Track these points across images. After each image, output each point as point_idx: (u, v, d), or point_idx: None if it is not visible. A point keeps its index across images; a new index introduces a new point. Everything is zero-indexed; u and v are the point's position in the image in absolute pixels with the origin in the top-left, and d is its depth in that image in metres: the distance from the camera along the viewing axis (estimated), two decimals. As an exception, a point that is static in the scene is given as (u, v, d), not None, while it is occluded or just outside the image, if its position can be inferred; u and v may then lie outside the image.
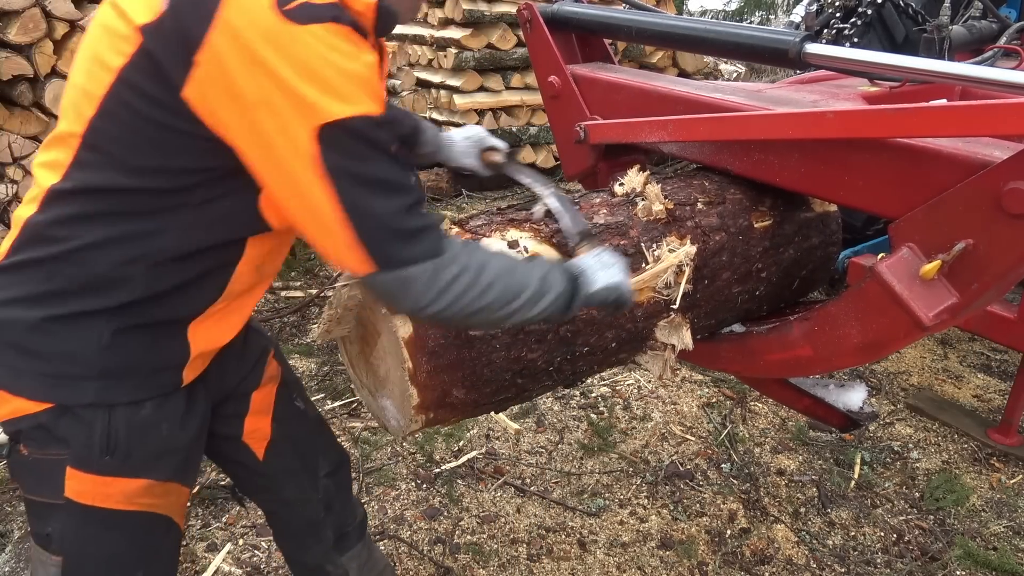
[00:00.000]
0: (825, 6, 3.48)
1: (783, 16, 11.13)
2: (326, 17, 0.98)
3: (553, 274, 1.24)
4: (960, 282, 1.36)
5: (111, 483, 1.22)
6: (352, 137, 1.00)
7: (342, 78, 0.99)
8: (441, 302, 1.10)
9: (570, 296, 1.25)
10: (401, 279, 1.08)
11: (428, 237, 1.08)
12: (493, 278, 1.14)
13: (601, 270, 1.31)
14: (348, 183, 1.01)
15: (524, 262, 1.24)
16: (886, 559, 2.48)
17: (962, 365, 3.60)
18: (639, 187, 1.65)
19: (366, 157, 1.02)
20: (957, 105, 1.36)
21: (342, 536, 1.74)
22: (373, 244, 1.05)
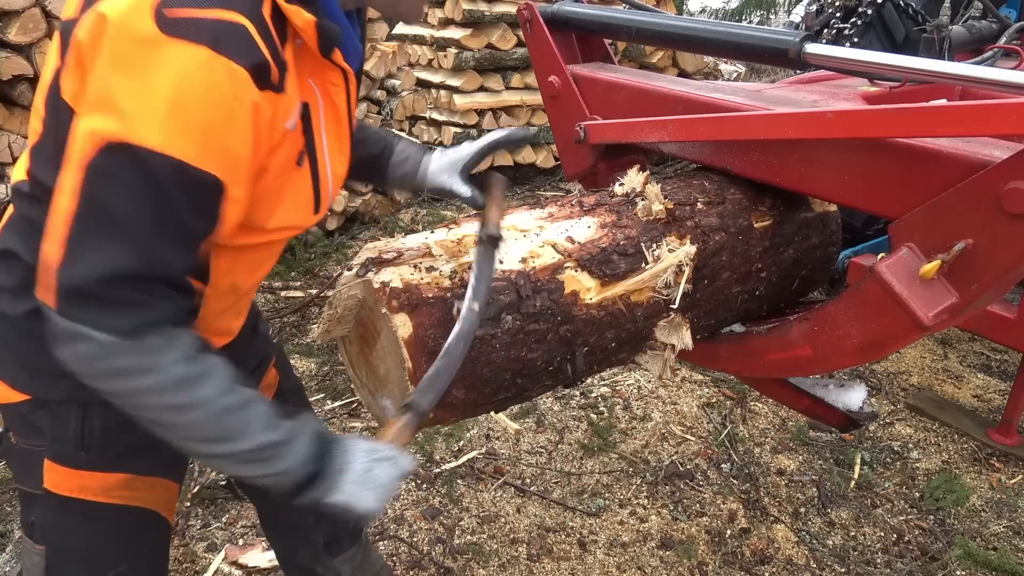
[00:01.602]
0: (825, 6, 3.48)
1: (783, 16, 11.13)
2: (205, 38, 0.88)
3: (293, 450, 1.06)
4: (960, 282, 1.36)
5: (87, 476, 1.21)
6: (131, 162, 0.89)
7: (169, 107, 0.88)
8: (104, 384, 0.98)
9: (300, 484, 1.08)
10: (68, 331, 0.94)
11: (127, 313, 0.93)
12: (192, 403, 0.99)
13: (356, 486, 1.10)
14: (90, 207, 0.91)
15: (266, 416, 1.05)
16: (886, 559, 2.48)
17: (962, 365, 3.60)
18: (639, 187, 1.65)
19: (130, 190, 0.90)
20: (957, 105, 1.36)
21: (334, 539, 1.72)
22: (65, 283, 0.92)
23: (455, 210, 5.55)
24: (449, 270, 1.39)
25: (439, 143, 5.99)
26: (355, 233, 4.93)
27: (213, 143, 0.92)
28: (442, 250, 1.43)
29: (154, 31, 0.88)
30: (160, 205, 0.92)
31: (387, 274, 1.34)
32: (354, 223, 5.01)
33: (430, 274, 1.37)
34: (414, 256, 1.41)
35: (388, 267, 1.36)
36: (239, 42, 0.91)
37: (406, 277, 1.34)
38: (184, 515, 2.46)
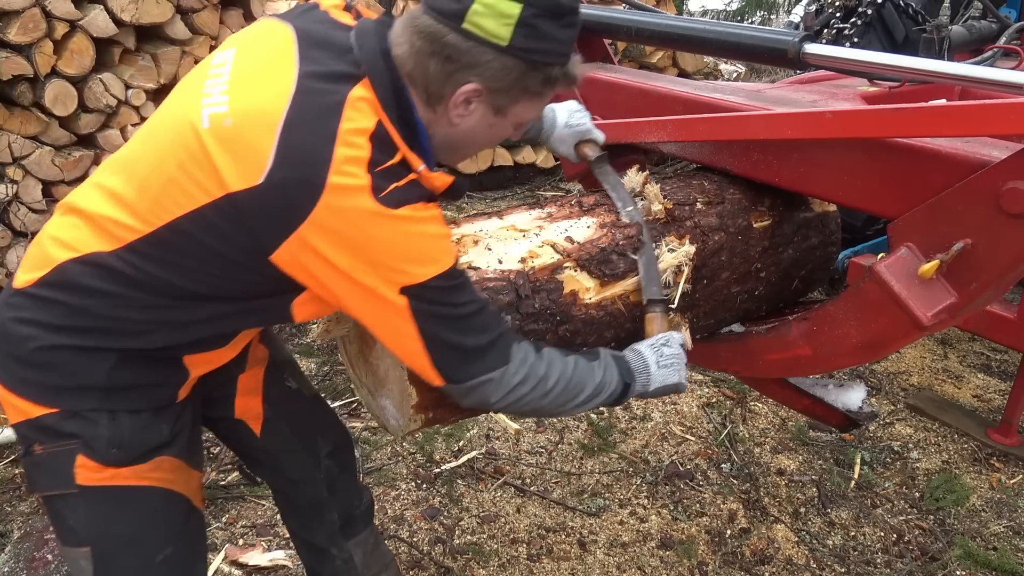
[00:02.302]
0: (825, 6, 3.48)
1: (784, 16, 11.12)
2: (414, 199, 1.13)
3: (609, 376, 1.39)
4: (959, 282, 1.36)
5: (121, 468, 1.28)
6: (432, 290, 1.16)
7: (423, 247, 1.15)
8: (506, 401, 1.28)
9: (623, 394, 1.41)
10: (469, 388, 1.25)
11: (493, 352, 1.24)
12: (554, 383, 1.30)
13: (660, 370, 1.44)
14: (428, 321, 1.18)
15: (585, 364, 1.37)
16: (886, 559, 2.48)
17: (962, 365, 3.60)
18: (638, 187, 1.65)
19: (443, 302, 1.19)
20: (956, 105, 1.36)
21: (348, 520, 1.76)
22: (446, 367, 1.23)
23: (455, 210, 5.55)
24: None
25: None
26: (355, 233, 4.93)
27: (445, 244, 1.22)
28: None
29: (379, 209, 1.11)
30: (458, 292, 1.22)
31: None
32: (354, 223, 5.01)
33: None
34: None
35: (387, 267, 1.36)
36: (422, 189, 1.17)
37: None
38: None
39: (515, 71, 1.16)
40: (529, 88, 1.20)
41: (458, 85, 1.16)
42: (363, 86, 1.14)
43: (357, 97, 1.12)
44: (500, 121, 1.24)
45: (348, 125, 1.10)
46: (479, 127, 1.24)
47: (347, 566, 1.77)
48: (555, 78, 1.20)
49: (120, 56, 3.74)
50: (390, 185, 1.11)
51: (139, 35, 3.79)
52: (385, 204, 1.09)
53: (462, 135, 1.25)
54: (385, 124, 1.13)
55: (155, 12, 3.68)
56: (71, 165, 3.60)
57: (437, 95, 1.18)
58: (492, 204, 5.77)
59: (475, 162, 5.87)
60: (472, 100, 1.19)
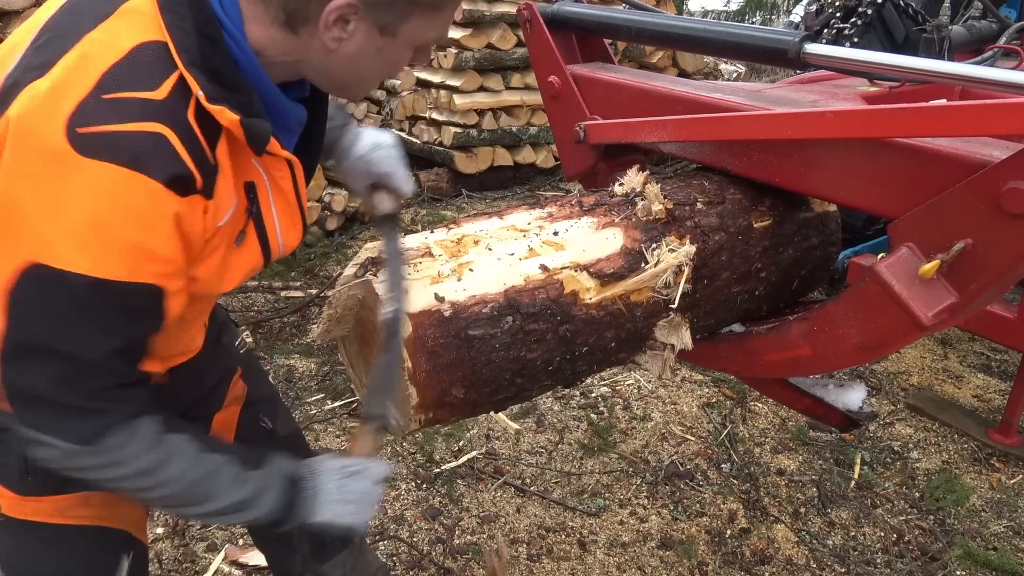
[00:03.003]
0: (825, 6, 3.48)
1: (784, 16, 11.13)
2: (123, 158, 0.86)
3: (264, 500, 1.11)
4: (959, 282, 1.36)
5: (39, 500, 1.17)
6: (58, 288, 0.88)
7: (90, 230, 0.87)
8: (80, 475, 1.03)
9: (282, 514, 1.14)
10: (31, 436, 0.98)
11: (83, 421, 0.96)
12: (160, 483, 1.04)
13: (334, 504, 1.16)
14: (20, 333, 0.91)
15: (233, 476, 1.09)
16: (886, 559, 2.48)
17: (962, 365, 3.60)
18: (638, 187, 1.65)
19: (56, 318, 0.90)
20: (956, 105, 1.36)
21: (320, 545, 1.69)
22: (17, 400, 0.96)
23: (455, 210, 5.56)
24: (448, 270, 1.39)
25: (439, 143, 5.98)
26: (355, 233, 4.93)
27: (141, 257, 0.91)
28: (442, 250, 1.43)
29: (66, 150, 0.85)
30: (98, 323, 0.92)
31: (387, 274, 1.34)
32: (354, 223, 5.01)
33: (429, 274, 1.37)
34: (414, 256, 1.41)
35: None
36: (159, 155, 0.89)
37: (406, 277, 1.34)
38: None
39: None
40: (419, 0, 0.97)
41: (325, 1, 0.93)
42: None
43: (130, 9, 0.91)
44: (390, 43, 1.00)
45: (110, 26, 0.90)
46: (364, 52, 1.00)
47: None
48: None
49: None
50: (105, 125, 0.86)
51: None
52: (76, 146, 0.85)
53: (344, 63, 1.01)
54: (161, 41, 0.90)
55: (155, 12, 3.68)
56: (71, 165, 3.60)
57: (300, 13, 0.94)
58: (492, 204, 5.78)
59: (475, 162, 5.87)
60: (349, 18, 0.95)
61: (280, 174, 1.11)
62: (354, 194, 1.49)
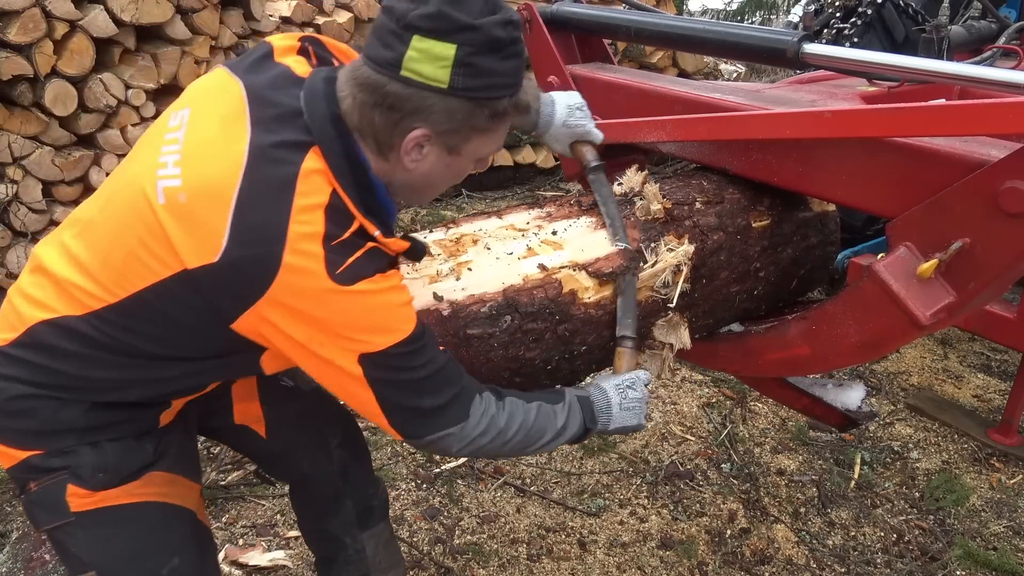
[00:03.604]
0: (825, 6, 3.48)
1: (784, 16, 11.12)
2: (370, 272, 1.13)
3: (571, 421, 1.40)
4: (957, 281, 1.36)
5: (109, 491, 1.29)
6: (389, 358, 1.17)
7: (380, 319, 1.16)
8: (467, 450, 1.30)
9: (583, 435, 1.43)
10: (428, 443, 1.28)
11: (452, 409, 1.25)
12: (515, 432, 1.32)
13: (621, 412, 1.44)
14: (385, 388, 1.20)
15: (547, 410, 1.37)
16: (886, 559, 2.48)
17: (962, 365, 3.60)
18: (637, 186, 1.65)
19: (400, 366, 1.19)
20: (955, 104, 1.36)
21: (365, 510, 1.79)
22: (404, 426, 1.25)
23: (455, 210, 5.56)
24: (447, 268, 1.39)
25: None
26: (355, 233, 4.93)
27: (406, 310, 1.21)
28: (441, 249, 1.43)
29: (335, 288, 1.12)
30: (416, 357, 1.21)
31: (385, 273, 1.34)
32: (354, 223, 5.01)
33: (428, 273, 1.37)
34: (413, 255, 1.41)
35: (386, 266, 1.36)
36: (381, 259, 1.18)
37: (405, 276, 1.34)
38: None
39: (461, 111, 1.13)
40: (478, 126, 1.17)
41: (406, 133, 1.14)
42: (315, 155, 1.13)
43: (310, 170, 1.12)
44: (456, 160, 1.22)
45: (302, 201, 1.10)
46: (436, 169, 1.22)
47: (359, 556, 1.80)
48: (504, 111, 1.17)
49: (120, 56, 3.75)
50: (346, 260, 1.11)
51: (139, 35, 3.79)
52: (341, 282, 1.10)
53: (420, 178, 1.23)
54: (339, 193, 1.13)
55: (155, 12, 3.69)
56: (71, 165, 3.61)
57: (387, 144, 1.17)
58: (492, 204, 5.78)
59: (475, 162, 5.87)
60: (423, 144, 1.17)
61: None
62: (554, 151, 1.79)
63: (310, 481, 1.75)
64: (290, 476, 1.79)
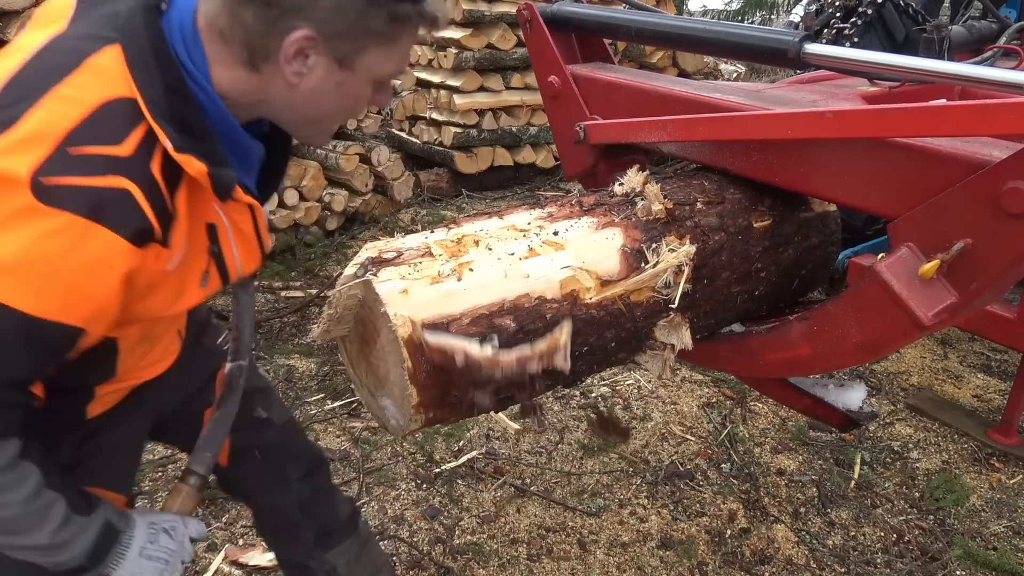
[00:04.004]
0: (825, 6, 3.48)
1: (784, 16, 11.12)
2: (83, 209, 0.89)
3: (77, 543, 1.11)
4: (959, 281, 1.36)
5: None
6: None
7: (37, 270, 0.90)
8: None
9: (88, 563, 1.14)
10: None
11: None
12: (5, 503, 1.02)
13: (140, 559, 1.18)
14: None
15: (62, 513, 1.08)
16: (886, 559, 2.48)
17: (962, 365, 3.60)
18: (638, 187, 1.65)
19: None
20: (956, 105, 1.36)
21: (325, 533, 1.74)
22: None
23: (455, 210, 5.56)
24: (448, 269, 1.39)
25: (439, 143, 5.98)
26: (355, 233, 4.93)
27: (78, 300, 0.93)
28: (442, 250, 1.43)
29: (28, 199, 0.87)
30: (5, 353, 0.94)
31: (387, 274, 1.34)
32: (354, 223, 5.02)
33: (429, 274, 1.37)
34: (414, 256, 1.41)
35: (388, 267, 1.36)
36: (123, 211, 0.92)
37: (406, 277, 1.34)
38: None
39: (352, 8, 0.96)
40: (374, 30, 0.98)
41: (284, 34, 0.96)
42: (112, 52, 0.95)
43: (97, 65, 0.94)
44: (350, 78, 1.03)
45: (65, 91, 0.92)
46: (325, 87, 1.03)
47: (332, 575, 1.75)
48: (405, 16, 0.99)
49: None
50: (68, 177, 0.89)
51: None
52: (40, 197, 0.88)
53: (306, 99, 1.04)
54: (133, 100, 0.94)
55: (155, 12, 3.69)
56: (71, 165, 3.61)
57: (262, 50, 0.98)
58: (492, 204, 5.78)
59: (475, 162, 5.87)
60: (308, 52, 0.98)
61: (241, 218, 1.15)
62: None
63: (266, 511, 1.72)
64: (247, 502, 1.76)
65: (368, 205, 5.00)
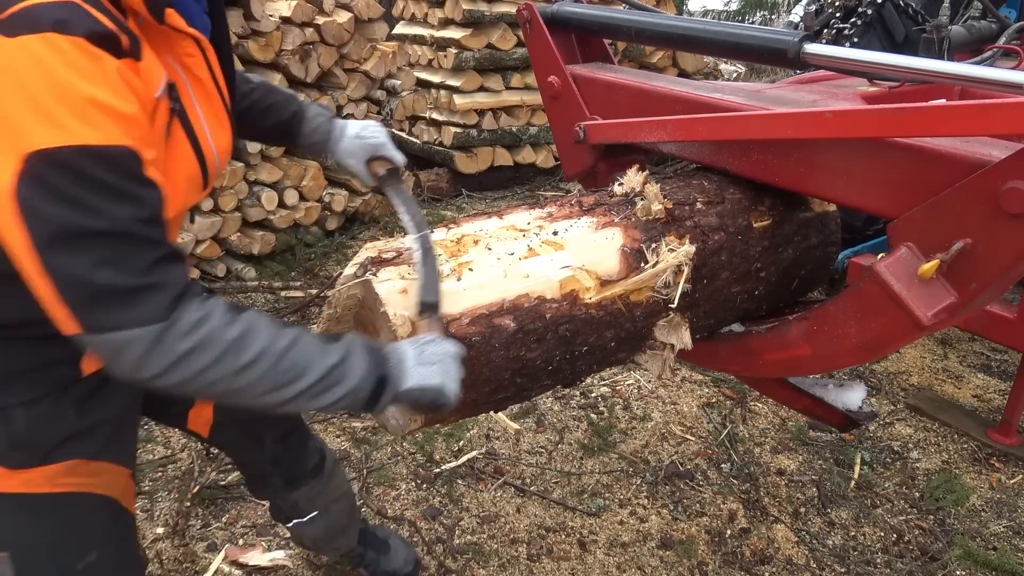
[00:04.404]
0: (825, 6, 3.48)
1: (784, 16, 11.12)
2: (45, 25, 0.86)
3: (353, 364, 1.10)
4: (958, 281, 1.36)
5: (28, 472, 1.19)
6: (56, 171, 0.86)
7: (48, 99, 0.86)
8: (173, 375, 0.97)
9: (373, 390, 1.12)
10: (110, 344, 0.94)
11: (150, 299, 0.94)
12: (254, 357, 1.00)
13: (420, 366, 1.16)
14: (45, 229, 0.88)
15: (313, 342, 1.08)
16: (886, 559, 2.48)
17: (962, 365, 3.60)
18: (638, 187, 1.65)
19: (70, 199, 0.88)
20: (956, 105, 1.36)
21: (292, 480, 1.88)
22: (74, 303, 0.92)
23: (455, 210, 5.56)
24: (448, 269, 1.39)
25: (439, 143, 5.98)
26: (355, 233, 4.93)
27: (106, 115, 0.90)
28: (441, 249, 1.43)
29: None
30: (105, 192, 0.90)
31: (386, 274, 1.34)
32: (354, 223, 5.02)
33: (429, 274, 1.37)
34: (414, 256, 1.41)
35: (387, 267, 1.36)
36: (78, 16, 0.89)
37: (405, 277, 1.34)
38: (184, 515, 2.46)
39: None
40: None
41: None
42: None
43: None
44: None
45: None
46: None
47: (294, 510, 1.93)
48: None
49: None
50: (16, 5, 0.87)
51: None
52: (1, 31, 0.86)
53: None
54: None
55: (155, 12, 3.68)
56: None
57: None
58: (492, 204, 5.78)
59: (475, 162, 5.87)
60: None
61: (193, 60, 1.14)
62: (352, 171, 1.63)
63: (239, 464, 1.91)
64: (228, 448, 1.89)
65: (368, 205, 5.00)
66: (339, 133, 1.62)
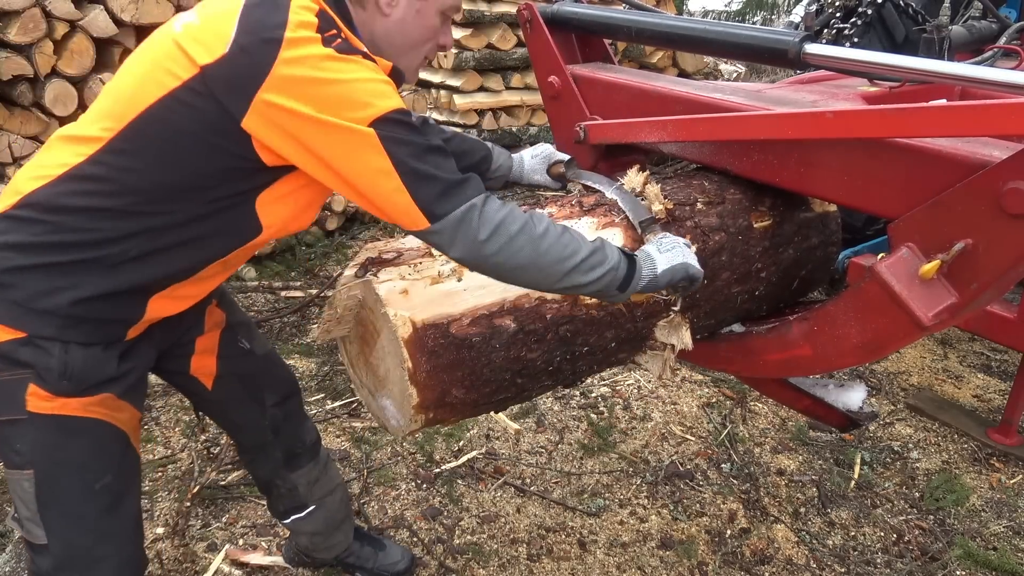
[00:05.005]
0: (825, 6, 3.48)
1: (784, 16, 11.12)
2: (359, 53, 1.24)
3: (610, 248, 1.35)
4: (959, 282, 1.36)
5: (69, 399, 1.36)
6: (396, 124, 1.22)
7: (376, 86, 1.23)
8: (498, 242, 1.25)
9: (627, 274, 1.36)
10: (454, 223, 1.24)
11: (469, 184, 1.26)
12: (545, 230, 1.28)
13: (662, 253, 1.42)
14: (402, 150, 1.22)
15: (576, 232, 1.34)
16: (886, 559, 2.48)
17: (962, 365, 3.60)
18: (639, 187, 1.65)
19: (409, 133, 1.23)
20: (956, 105, 1.36)
21: (292, 456, 1.95)
22: (426, 199, 1.23)
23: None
24: (448, 270, 1.39)
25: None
26: (355, 233, 4.93)
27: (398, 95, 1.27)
28: (442, 250, 1.43)
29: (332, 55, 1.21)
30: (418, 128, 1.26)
31: (387, 274, 1.34)
32: (354, 223, 5.01)
33: (430, 274, 1.37)
34: (414, 256, 1.41)
35: (388, 267, 1.36)
36: None
37: (406, 277, 1.34)
38: (184, 515, 2.46)
39: None
40: None
41: None
42: None
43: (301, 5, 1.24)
44: (425, 6, 1.36)
45: (297, 3, 1.23)
46: (408, 15, 1.36)
47: (291, 494, 1.99)
48: None
49: (120, 56, 3.74)
50: (338, 40, 1.23)
51: (139, 35, 3.79)
52: (339, 50, 1.21)
53: (396, 26, 1.36)
54: (328, 13, 1.26)
55: (155, 12, 3.68)
56: (71, 165, 3.60)
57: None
58: (492, 204, 5.77)
59: (475, 162, 5.86)
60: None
61: None
62: (542, 185, 1.93)
63: (240, 431, 1.91)
64: (223, 422, 1.95)
65: (368, 205, 4.99)
66: (519, 162, 1.92)
